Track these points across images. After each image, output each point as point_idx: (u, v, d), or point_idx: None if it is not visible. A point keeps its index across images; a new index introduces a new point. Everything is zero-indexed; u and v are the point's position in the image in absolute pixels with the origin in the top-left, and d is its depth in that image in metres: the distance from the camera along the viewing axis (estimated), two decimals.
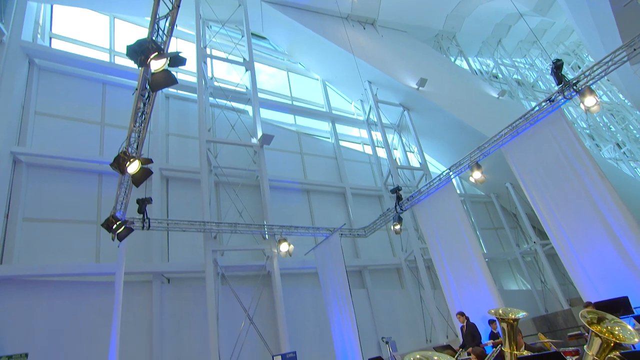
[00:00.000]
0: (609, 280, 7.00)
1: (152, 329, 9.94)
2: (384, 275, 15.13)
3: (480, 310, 9.13)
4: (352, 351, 10.53)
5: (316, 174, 15.61)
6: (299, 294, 12.63)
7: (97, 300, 9.45)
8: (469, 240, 9.99)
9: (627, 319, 5.84)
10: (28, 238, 9.56)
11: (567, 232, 7.88)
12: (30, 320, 8.70)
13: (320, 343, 11.84)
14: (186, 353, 10.14)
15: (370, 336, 12.78)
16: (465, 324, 8.12)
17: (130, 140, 6.80)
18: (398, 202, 11.97)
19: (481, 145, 9.62)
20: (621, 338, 3.47)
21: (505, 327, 4.44)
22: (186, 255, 11.33)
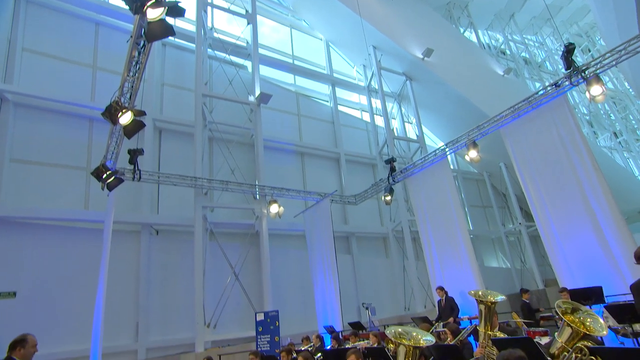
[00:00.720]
0: (586, 268, 7.19)
1: (139, 278, 10.15)
2: (370, 243, 15.44)
3: (459, 286, 9.41)
4: (333, 314, 10.91)
5: (312, 137, 15.44)
6: (285, 254, 12.88)
7: (86, 246, 9.53)
8: (457, 218, 10.11)
9: (598, 307, 6.06)
10: (16, 180, 9.44)
11: (553, 217, 8.00)
12: (19, 260, 8.78)
13: (302, 304, 12.24)
14: (172, 303, 10.43)
15: (351, 301, 13.23)
16: (444, 297, 8.39)
17: (123, 90, 6.56)
18: (391, 173, 11.96)
19: (480, 124, 9.51)
20: (591, 329, 3.60)
21: (483, 309, 4.58)
22: (176, 208, 11.35)
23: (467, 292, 8.84)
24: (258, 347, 9.23)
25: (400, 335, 3.82)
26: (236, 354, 9.31)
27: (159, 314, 10.19)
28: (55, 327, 8.74)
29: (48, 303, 8.84)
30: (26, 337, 3.55)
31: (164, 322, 10.18)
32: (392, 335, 3.77)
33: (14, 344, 3.49)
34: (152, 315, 10.08)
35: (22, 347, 3.46)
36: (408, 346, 3.54)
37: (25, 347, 3.48)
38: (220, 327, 10.35)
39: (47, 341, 8.39)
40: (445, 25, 17.16)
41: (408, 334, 3.83)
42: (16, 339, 3.54)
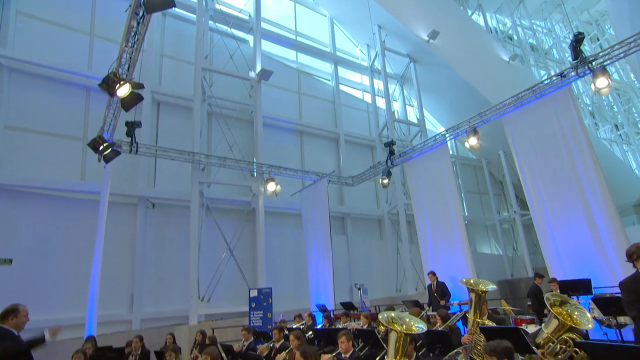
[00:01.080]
0: (576, 260, 7.29)
1: (135, 251, 10.22)
2: (365, 224, 15.55)
3: (451, 271, 9.55)
4: (326, 293, 11.09)
5: (312, 116, 15.28)
6: (281, 233, 12.97)
7: (82, 216, 9.54)
8: (453, 204, 10.16)
9: (585, 299, 6.17)
10: (10, 148, 9.34)
11: (548, 207, 8.04)
12: (15, 228, 8.80)
13: (295, 282, 12.42)
14: (166, 276, 10.55)
15: (344, 280, 13.43)
16: (434, 282, 8.50)
17: (121, 61, 6.42)
18: (390, 156, 11.92)
19: (482, 111, 9.42)
20: (577, 323, 3.67)
21: (474, 297, 4.64)
22: (172, 182, 11.33)
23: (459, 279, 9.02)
24: (250, 323, 9.41)
25: (392, 321, 3.87)
26: (229, 328, 9.50)
27: (154, 286, 10.32)
28: (51, 294, 8.85)
29: (44, 271, 8.92)
30: (17, 307, 3.57)
31: (158, 294, 10.33)
32: (384, 320, 3.82)
33: (5, 313, 3.52)
34: (147, 287, 10.21)
35: (14, 317, 3.49)
36: (400, 332, 3.60)
37: (18, 317, 3.51)
38: (214, 301, 10.52)
39: (43, 308, 8.53)
40: (453, 6, 16.71)
41: (400, 319, 3.89)
42: (7, 308, 3.57)
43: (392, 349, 3.69)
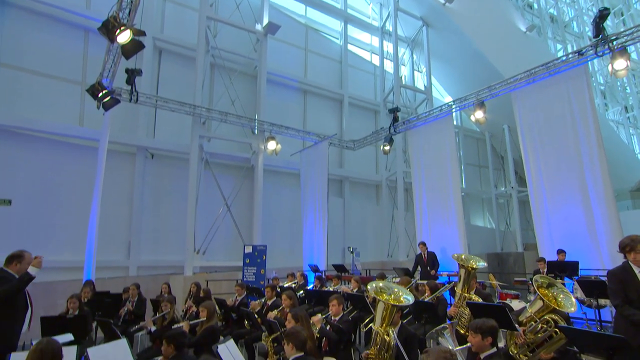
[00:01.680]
0: (567, 241, 7.39)
1: (133, 199, 10.31)
2: (362, 189, 15.63)
3: (443, 242, 9.72)
4: (319, 253, 11.35)
5: (317, 76, 14.87)
6: (278, 191, 13.04)
7: (80, 162, 9.52)
8: (452, 177, 10.16)
9: (570, 280, 6.32)
10: (5, 86, 9.09)
11: (546, 186, 8.05)
12: (13, 169, 8.78)
13: (289, 240, 12.66)
14: (163, 226, 10.71)
15: (337, 242, 13.69)
16: (425, 252, 8.64)
17: (122, 4, 6.10)
18: (394, 123, 11.76)
19: (492, 85, 9.17)
20: (561, 305, 3.78)
21: (463, 272, 4.75)
22: (172, 134, 11.20)
23: (450, 253, 9.20)
24: (244, 278, 9.69)
25: (381, 291, 3.97)
26: (223, 281, 9.79)
27: (151, 235, 10.51)
28: (51, 237, 9.01)
29: (43, 213, 9.01)
30: (23, 253, 3.62)
31: (155, 244, 10.54)
32: (373, 290, 3.92)
33: (10, 258, 3.56)
34: (144, 235, 10.39)
35: (18, 263, 3.54)
36: (387, 302, 3.70)
37: (22, 263, 3.56)
38: (209, 254, 10.77)
39: (43, 249, 8.62)
40: None
41: (389, 289, 3.99)
42: (14, 253, 3.61)
43: (379, 318, 3.81)
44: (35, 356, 2.38)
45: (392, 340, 3.47)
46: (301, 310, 3.89)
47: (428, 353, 2.25)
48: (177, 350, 3.30)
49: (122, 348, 3.58)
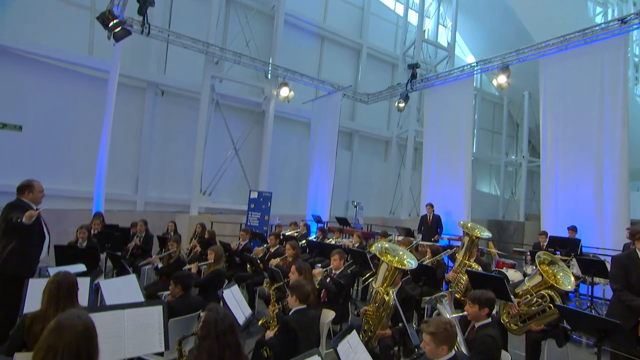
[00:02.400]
0: (571, 218, 7.39)
1: (142, 135, 10.28)
2: (372, 144, 15.47)
3: (448, 206, 9.77)
4: (323, 205, 11.49)
5: (336, 21, 14.11)
6: (287, 139, 12.94)
7: (90, 93, 9.35)
8: (465, 141, 9.99)
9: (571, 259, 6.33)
10: (15, 7, 8.71)
11: (560, 159, 7.90)
12: (22, 95, 8.66)
13: (294, 189, 12.76)
14: (171, 164, 10.78)
15: (341, 195, 13.79)
16: (431, 215, 8.70)
17: None
18: (411, 79, 11.35)
19: (521, 48, 8.68)
20: (559, 283, 3.85)
21: (467, 240, 4.80)
22: (184, 71, 10.89)
23: (454, 216, 9.27)
24: (247, 222, 9.90)
25: (385, 251, 4.05)
26: (227, 224, 10.02)
27: (158, 173, 10.61)
28: (61, 166, 9.10)
29: (53, 142, 9.02)
30: (32, 182, 3.66)
31: (162, 181, 10.67)
32: (377, 250, 3.99)
33: (21, 187, 3.62)
34: (152, 172, 10.50)
35: (30, 192, 3.60)
36: (390, 264, 3.77)
37: (33, 192, 3.62)
38: (215, 196, 10.93)
39: (53, 178, 8.83)
40: None
41: (394, 251, 4.06)
42: (22, 183, 3.66)
43: (381, 278, 3.91)
44: (53, 287, 2.49)
45: (392, 300, 3.58)
46: (305, 264, 3.99)
47: (428, 323, 2.31)
48: (183, 291, 3.45)
49: (131, 283, 3.75)
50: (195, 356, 2.10)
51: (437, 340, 2.24)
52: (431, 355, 2.30)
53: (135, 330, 2.55)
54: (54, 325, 1.60)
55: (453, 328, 2.30)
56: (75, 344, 1.55)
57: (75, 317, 1.64)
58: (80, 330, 1.59)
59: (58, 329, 1.57)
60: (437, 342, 2.25)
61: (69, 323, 1.60)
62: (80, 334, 1.59)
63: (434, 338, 2.24)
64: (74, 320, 1.62)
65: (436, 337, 2.24)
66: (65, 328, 1.57)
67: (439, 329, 2.24)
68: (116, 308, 2.57)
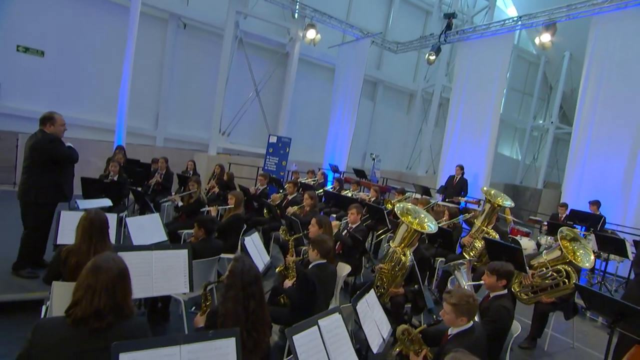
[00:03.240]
0: (596, 191, 7.17)
1: (163, 69, 10.10)
2: (396, 95, 14.97)
3: (467, 167, 9.55)
4: (341, 154, 11.40)
5: None
6: (310, 84, 12.58)
7: (112, 22, 9.09)
8: (494, 102, 9.55)
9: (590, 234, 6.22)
10: None
11: (595, 130, 7.51)
12: (46, 20, 8.45)
13: (313, 135, 12.62)
14: (191, 102, 10.67)
15: (360, 145, 13.65)
16: (459, 177, 8.51)
17: None
18: (446, 30, 10.65)
19: (572, 4, 7.94)
20: (577, 260, 3.83)
21: (488, 207, 4.75)
22: (207, 4, 10.39)
23: (473, 178, 9.10)
24: (265, 166, 9.95)
25: (407, 212, 4.04)
26: (244, 166, 10.08)
27: (178, 109, 10.55)
28: (83, 94, 9.09)
29: (75, 69, 8.94)
30: (53, 115, 3.65)
31: (182, 118, 10.64)
32: (399, 210, 3.98)
33: (43, 120, 3.61)
34: (172, 108, 10.44)
35: (51, 124, 3.59)
36: (411, 226, 3.77)
37: (55, 125, 3.62)
38: (233, 136, 10.91)
39: (76, 106, 8.89)
40: None
41: (415, 213, 4.04)
42: (45, 115, 3.64)
43: (399, 238, 3.94)
44: (87, 224, 2.56)
45: (408, 261, 3.62)
46: (325, 218, 4.02)
47: (451, 294, 2.33)
48: (206, 234, 3.53)
49: (155, 221, 3.86)
50: (220, 303, 2.18)
51: (458, 312, 2.28)
52: (449, 324, 2.35)
53: (162, 271, 2.66)
54: (92, 267, 1.66)
55: (475, 302, 2.32)
56: (111, 285, 1.62)
57: (110, 260, 1.70)
58: (116, 272, 1.66)
59: (95, 270, 1.63)
60: (457, 313, 2.28)
61: (105, 265, 1.66)
62: (116, 275, 1.65)
63: (455, 309, 2.28)
64: (109, 263, 1.68)
65: (458, 308, 2.27)
66: (102, 270, 1.63)
67: (462, 301, 2.26)
68: (145, 249, 2.66)
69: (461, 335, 2.32)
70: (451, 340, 2.33)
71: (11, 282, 3.60)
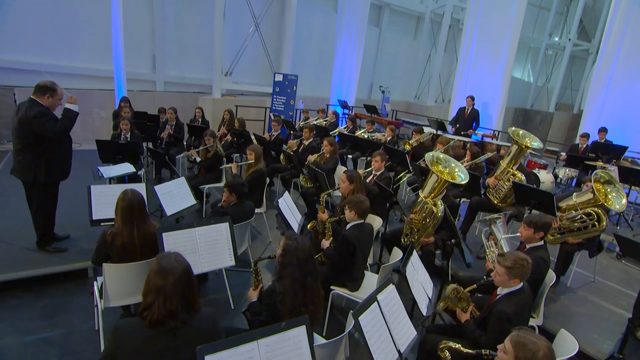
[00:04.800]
0: (615, 118, 6.99)
1: (153, 6, 9.28)
2: (402, 19, 13.96)
3: (481, 95, 9.17)
4: (349, 87, 10.96)
5: None
6: (312, 13, 11.66)
7: None
8: (515, 23, 8.89)
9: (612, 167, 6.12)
10: None
11: (624, 48, 7.06)
12: None
13: (318, 69, 12.01)
14: (188, 41, 9.96)
15: (366, 76, 13.05)
16: (470, 108, 8.21)
17: None
18: None
19: None
20: (609, 203, 3.82)
21: (515, 149, 4.63)
22: None
23: (487, 107, 8.80)
24: (272, 107, 9.63)
25: (437, 161, 3.96)
26: (251, 107, 9.72)
27: (175, 49, 9.90)
28: (75, 41, 8.42)
29: (65, 16, 8.18)
30: (56, 87, 3.35)
31: (180, 59, 10.02)
32: (429, 160, 3.90)
33: (43, 88, 3.28)
34: (169, 49, 9.79)
35: (50, 96, 3.30)
36: (441, 177, 3.72)
37: (54, 98, 3.33)
38: (236, 76, 10.39)
39: (67, 55, 8.35)
40: None
41: (446, 162, 3.97)
42: (46, 84, 3.29)
43: (429, 188, 3.91)
44: (125, 206, 2.52)
45: (440, 211, 3.61)
46: (355, 172, 3.94)
47: (505, 257, 2.33)
48: (238, 199, 3.50)
49: (182, 185, 3.81)
50: (277, 281, 2.21)
51: (511, 275, 2.30)
52: (500, 284, 2.40)
53: (207, 246, 2.67)
54: (158, 269, 1.67)
55: (529, 264, 2.33)
56: (179, 285, 1.65)
57: (174, 262, 1.71)
58: (181, 272, 1.68)
59: (162, 273, 1.65)
60: (510, 276, 2.31)
61: (170, 267, 1.67)
62: (182, 274, 1.68)
63: (508, 272, 2.30)
64: (173, 264, 1.69)
65: (511, 271, 2.29)
66: (168, 272, 1.65)
67: (516, 265, 2.28)
68: (187, 227, 2.64)
69: (512, 294, 2.37)
70: (500, 299, 2.39)
71: (38, 257, 3.63)
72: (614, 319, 3.69)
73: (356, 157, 7.05)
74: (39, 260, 3.54)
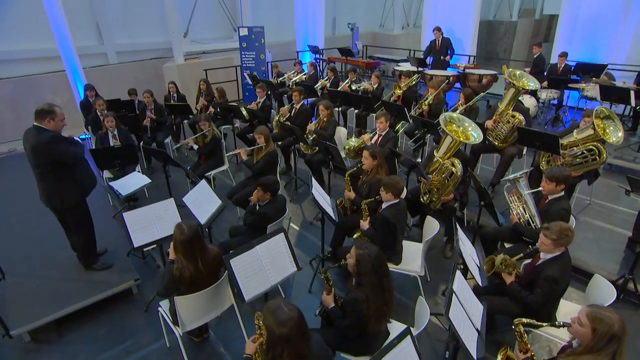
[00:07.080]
0: (589, 25, 7.07)
1: None
2: None
3: (454, 19, 8.98)
4: (315, 27, 10.33)
5: None
6: None
7: None
8: None
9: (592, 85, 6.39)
10: None
11: None
12: None
13: (278, 12, 11.13)
14: (132, 3, 8.90)
15: (328, 11, 12.16)
16: (439, 39, 8.06)
17: None
18: None
19: None
20: (607, 137, 4.09)
21: (512, 92, 4.73)
22: None
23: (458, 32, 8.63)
24: (242, 64, 9.07)
25: (450, 121, 4.03)
26: (219, 69, 9.09)
27: (120, 13, 8.87)
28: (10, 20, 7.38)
29: None
30: (54, 109, 3.20)
31: (126, 24, 9.02)
32: (443, 120, 3.96)
33: (41, 113, 3.13)
34: (111, 14, 8.75)
35: (51, 119, 3.15)
36: (456, 138, 3.82)
37: (55, 120, 3.19)
38: (193, 34, 9.56)
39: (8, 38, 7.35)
40: None
41: (459, 121, 4.05)
42: (44, 108, 3.16)
43: (444, 149, 4.01)
44: (185, 241, 2.51)
45: (459, 171, 3.77)
46: (377, 147, 3.96)
47: (550, 229, 2.54)
48: (272, 196, 3.50)
49: (205, 189, 3.73)
50: (358, 289, 2.35)
51: (557, 244, 2.54)
52: (545, 251, 2.64)
53: (270, 261, 2.73)
54: (276, 323, 1.76)
55: (573, 234, 2.56)
56: (299, 329, 1.76)
57: (287, 311, 1.79)
58: (298, 317, 1.77)
59: (282, 323, 1.75)
60: (556, 245, 2.55)
61: (285, 317, 1.76)
62: (299, 320, 1.78)
63: (554, 242, 2.53)
64: (287, 313, 1.78)
65: (558, 242, 2.52)
66: (286, 321, 1.75)
67: (562, 236, 2.50)
68: (248, 248, 2.67)
69: (555, 259, 2.62)
70: (545, 264, 2.65)
71: (87, 279, 3.60)
72: (615, 238, 4.18)
73: (345, 110, 6.97)
74: (80, 287, 3.50)
